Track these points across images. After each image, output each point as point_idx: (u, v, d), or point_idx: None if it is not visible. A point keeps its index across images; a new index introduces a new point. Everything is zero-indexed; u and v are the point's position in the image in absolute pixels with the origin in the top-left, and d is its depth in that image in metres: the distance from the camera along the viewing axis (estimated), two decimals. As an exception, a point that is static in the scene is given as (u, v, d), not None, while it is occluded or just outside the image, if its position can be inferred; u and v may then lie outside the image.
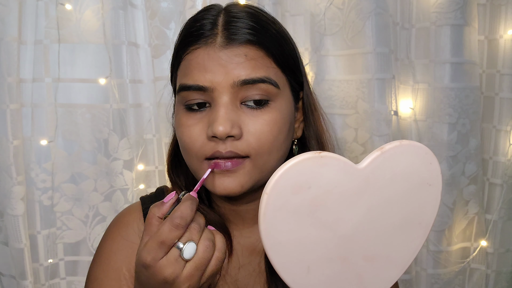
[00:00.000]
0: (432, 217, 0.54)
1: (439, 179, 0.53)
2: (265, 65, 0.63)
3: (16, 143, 1.05)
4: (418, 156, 0.51)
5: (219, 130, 0.60)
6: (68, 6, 1.06)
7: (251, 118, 0.62)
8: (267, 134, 0.63)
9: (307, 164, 0.48)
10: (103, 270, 0.71)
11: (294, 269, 0.51)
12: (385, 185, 0.51)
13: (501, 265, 1.27)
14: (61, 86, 1.11)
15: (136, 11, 1.12)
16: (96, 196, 1.15)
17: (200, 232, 0.54)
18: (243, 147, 0.62)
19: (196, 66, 0.63)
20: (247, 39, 0.62)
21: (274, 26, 0.68)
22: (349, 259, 0.52)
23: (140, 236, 0.73)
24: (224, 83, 0.61)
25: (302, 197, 0.48)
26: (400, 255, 0.55)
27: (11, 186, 1.05)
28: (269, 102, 0.64)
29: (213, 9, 0.67)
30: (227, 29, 0.63)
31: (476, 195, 1.24)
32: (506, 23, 1.18)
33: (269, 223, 0.49)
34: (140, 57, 1.12)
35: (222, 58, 0.61)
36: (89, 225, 1.16)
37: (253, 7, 0.69)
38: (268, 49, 0.64)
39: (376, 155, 0.50)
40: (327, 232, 0.50)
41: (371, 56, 1.13)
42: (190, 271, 0.53)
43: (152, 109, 1.15)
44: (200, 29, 0.64)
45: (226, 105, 0.61)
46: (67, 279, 1.18)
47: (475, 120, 1.20)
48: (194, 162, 0.65)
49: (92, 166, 1.14)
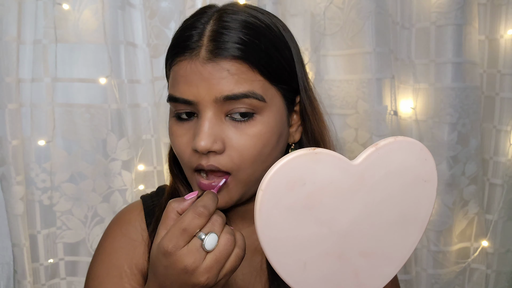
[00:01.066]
0: (428, 213, 0.54)
1: (434, 175, 0.53)
2: (249, 79, 0.61)
3: (15, 143, 1.05)
4: (413, 152, 0.51)
5: (200, 145, 0.60)
6: (65, 6, 1.06)
7: (235, 132, 0.62)
8: (250, 149, 0.62)
9: (302, 160, 0.48)
10: (104, 268, 0.71)
11: (290, 266, 0.51)
12: (380, 181, 0.51)
13: (501, 265, 1.27)
14: (60, 86, 1.10)
15: (134, 10, 1.11)
16: (95, 197, 1.15)
17: (222, 225, 0.54)
18: (225, 162, 0.62)
19: (181, 79, 0.62)
20: (232, 55, 0.60)
21: (269, 34, 0.65)
22: (346, 255, 0.53)
23: (141, 234, 0.73)
24: (208, 97, 0.60)
25: (297, 194, 0.48)
26: (396, 252, 0.54)
27: (11, 186, 1.05)
28: (254, 115, 0.62)
29: (206, 14, 0.65)
30: (212, 41, 0.61)
31: (476, 195, 1.23)
32: (507, 23, 1.18)
33: (265, 220, 0.49)
34: (138, 57, 1.12)
35: (204, 72, 0.60)
36: (88, 225, 1.16)
37: (251, 11, 0.66)
38: (253, 63, 0.62)
39: (370, 151, 0.50)
40: (323, 229, 0.51)
41: (371, 56, 1.13)
42: (210, 263, 0.52)
43: (151, 109, 1.15)
44: (187, 39, 0.63)
45: (210, 119, 0.61)
46: (67, 279, 1.18)
47: (476, 120, 1.20)
48: (186, 171, 0.67)
49: (91, 166, 1.14)
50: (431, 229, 1.23)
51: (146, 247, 0.72)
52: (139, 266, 0.71)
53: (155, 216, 0.74)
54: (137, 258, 0.71)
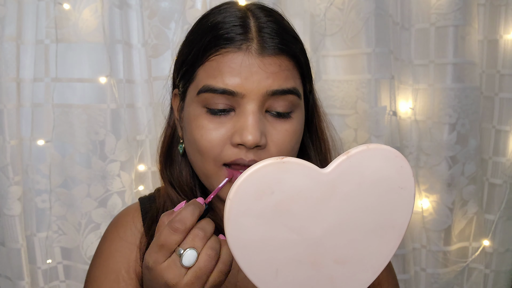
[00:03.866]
0: (406, 220, 0.53)
1: (411, 182, 0.52)
2: (293, 76, 0.63)
3: (13, 143, 1.04)
4: (388, 159, 0.51)
5: (249, 139, 0.59)
6: (66, 6, 1.05)
7: (275, 128, 0.63)
8: (287, 145, 0.63)
9: (269, 169, 0.48)
10: (102, 272, 0.71)
11: (262, 272, 0.51)
12: (353, 190, 0.50)
13: (500, 264, 1.28)
14: (59, 86, 1.09)
15: (130, 10, 1.11)
16: (89, 202, 1.12)
17: (204, 239, 0.52)
18: (266, 157, 0.61)
19: (228, 70, 0.61)
20: (281, 48, 0.62)
21: (297, 34, 0.68)
22: (319, 262, 0.52)
23: (138, 237, 0.73)
24: (256, 91, 0.60)
25: (265, 202, 0.49)
26: (373, 259, 0.54)
27: (8, 186, 1.04)
28: (291, 113, 0.64)
29: (234, 7, 0.66)
30: (260, 36, 0.62)
31: (476, 195, 1.24)
32: (506, 24, 1.19)
33: (233, 228, 0.49)
34: (133, 57, 1.11)
35: (257, 65, 0.61)
36: (82, 232, 1.14)
37: (275, 12, 0.68)
38: (298, 60, 0.64)
39: (341, 160, 0.50)
40: (294, 236, 0.50)
41: (370, 56, 1.13)
42: (190, 279, 0.51)
43: (146, 109, 1.14)
44: (231, 31, 0.62)
45: (255, 113, 0.61)
46: (66, 282, 1.17)
47: (475, 120, 1.20)
48: (211, 166, 0.64)
49: (85, 170, 1.11)
50: (430, 229, 1.24)
51: (142, 250, 0.72)
52: (136, 270, 0.71)
53: (147, 222, 0.73)
54: (134, 262, 0.71)
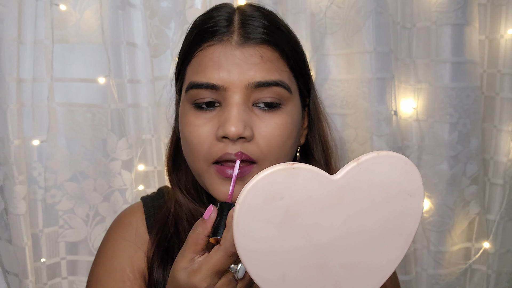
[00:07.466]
0: (414, 227, 0.53)
1: (420, 190, 0.52)
2: (279, 68, 0.63)
3: (17, 142, 1.05)
4: (397, 166, 0.51)
5: (231, 130, 0.59)
6: (62, 7, 1.06)
7: (263, 120, 0.62)
8: (277, 138, 0.62)
9: (279, 175, 0.48)
10: (106, 271, 0.71)
11: (269, 277, 0.52)
12: (362, 196, 0.50)
13: (502, 265, 1.27)
14: (61, 86, 1.11)
15: (134, 10, 1.11)
16: (96, 196, 1.15)
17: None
18: (253, 150, 0.61)
19: (209, 64, 0.61)
20: (263, 39, 0.61)
21: (287, 29, 0.67)
22: (326, 267, 0.52)
23: (142, 236, 0.73)
24: (238, 83, 0.60)
25: (275, 207, 0.49)
26: (380, 265, 0.54)
27: (13, 185, 1.05)
28: (281, 106, 0.63)
29: (226, 7, 0.66)
30: (243, 27, 0.62)
31: (477, 195, 1.23)
32: (507, 23, 1.18)
33: (242, 233, 0.49)
34: (138, 57, 1.12)
35: (238, 57, 0.60)
36: (89, 224, 1.16)
37: (265, 9, 0.68)
38: (283, 51, 0.63)
39: (351, 167, 0.50)
40: (302, 241, 0.51)
41: (371, 55, 1.13)
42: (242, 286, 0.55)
43: (151, 109, 1.15)
44: (215, 25, 0.63)
45: (239, 105, 0.60)
46: (68, 278, 1.18)
47: (476, 120, 1.19)
48: (201, 165, 0.64)
49: (92, 165, 1.14)
50: (431, 230, 1.23)
51: (147, 250, 0.72)
52: (140, 270, 0.71)
53: (156, 226, 0.73)
54: (139, 262, 0.71)
